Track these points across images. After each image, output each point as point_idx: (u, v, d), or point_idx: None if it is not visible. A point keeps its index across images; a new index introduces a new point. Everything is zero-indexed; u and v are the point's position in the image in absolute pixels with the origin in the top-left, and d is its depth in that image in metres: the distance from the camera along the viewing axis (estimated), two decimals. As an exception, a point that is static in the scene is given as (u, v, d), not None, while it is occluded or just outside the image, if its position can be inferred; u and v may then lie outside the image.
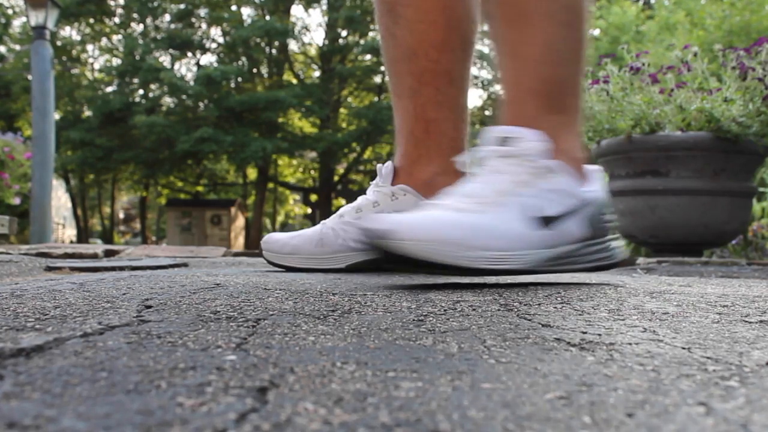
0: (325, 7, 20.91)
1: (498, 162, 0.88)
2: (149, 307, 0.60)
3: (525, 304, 0.67)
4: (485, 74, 21.30)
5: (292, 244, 1.15)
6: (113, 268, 1.39)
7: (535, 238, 0.85)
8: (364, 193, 1.19)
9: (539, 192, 0.87)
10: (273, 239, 1.18)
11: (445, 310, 0.61)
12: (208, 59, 22.28)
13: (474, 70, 20.55)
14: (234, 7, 20.92)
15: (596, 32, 13.64)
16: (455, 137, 1.16)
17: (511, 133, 0.88)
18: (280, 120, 19.71)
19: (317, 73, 22.41)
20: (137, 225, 31.49)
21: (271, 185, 22.87)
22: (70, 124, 18.90)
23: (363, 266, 1.14)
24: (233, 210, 22.37)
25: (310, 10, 24.62)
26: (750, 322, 0.57)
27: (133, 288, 0.76)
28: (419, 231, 0.79)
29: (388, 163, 1.18)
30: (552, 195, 0.88)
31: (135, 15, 21.21)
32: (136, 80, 19.89)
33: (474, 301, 0.68)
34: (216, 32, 21.74)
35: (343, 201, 19.27)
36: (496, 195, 0.85)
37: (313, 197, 22.31)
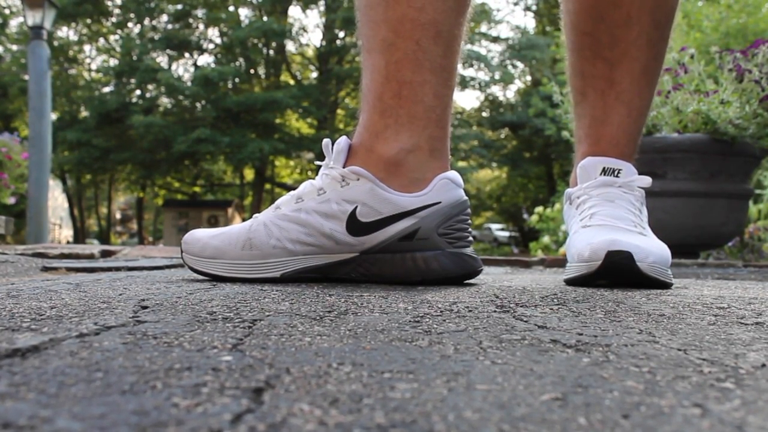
0: (322, 8, 20.94)
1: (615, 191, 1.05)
2: (145, 307, 0.60)
3: (521, 306, 0.67)
4: (482, 75, 21.31)
5: (213, 246, 0.93)
6: (110, 269, 1.39)
7: None
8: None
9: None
10: (193, 238, 0.95)
11: (441, 312, 0.61)
12: (205, 60, 22.31)
13: (471, 72, 20.57)
14: (231, 8, 20.94)
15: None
16: (434, 106, 0.93)
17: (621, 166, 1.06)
18: (278, 121, 19.71)
19: (314, 74, 22.44)
20: (134, 225, 31.46)
21: (268, 186, 22.87)
22: (67, 124, 18.90)
23: (304, 275, 0.92)
24: (230, 211, 22.38)
25: (308, 11, 24.68)
26: (746, 324, 0.58)
27: (129, 288, 0.76)
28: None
29: (342, 139, 0.95)
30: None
31: (132, 15, 21.22)
32: (133, 81, 19.90)
33: (470, 303, 0.69)
34: (213, 33, 21.79)
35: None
36: None
37: (311, 198, 22.24)
